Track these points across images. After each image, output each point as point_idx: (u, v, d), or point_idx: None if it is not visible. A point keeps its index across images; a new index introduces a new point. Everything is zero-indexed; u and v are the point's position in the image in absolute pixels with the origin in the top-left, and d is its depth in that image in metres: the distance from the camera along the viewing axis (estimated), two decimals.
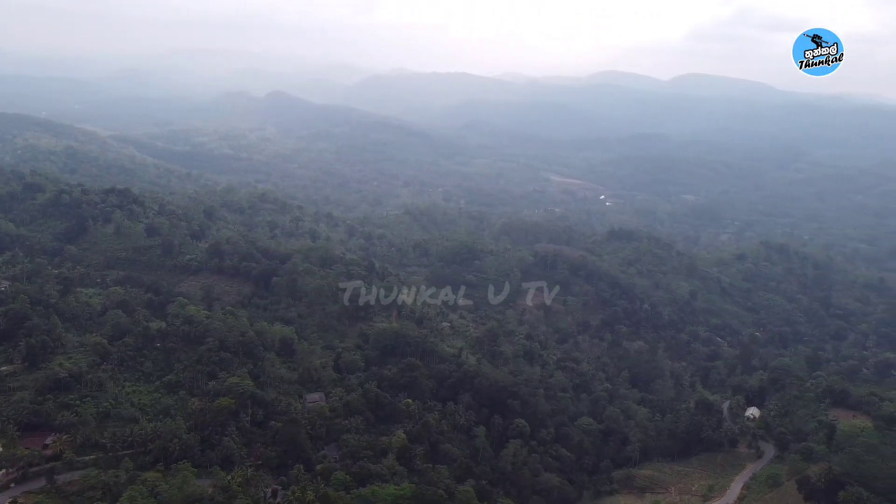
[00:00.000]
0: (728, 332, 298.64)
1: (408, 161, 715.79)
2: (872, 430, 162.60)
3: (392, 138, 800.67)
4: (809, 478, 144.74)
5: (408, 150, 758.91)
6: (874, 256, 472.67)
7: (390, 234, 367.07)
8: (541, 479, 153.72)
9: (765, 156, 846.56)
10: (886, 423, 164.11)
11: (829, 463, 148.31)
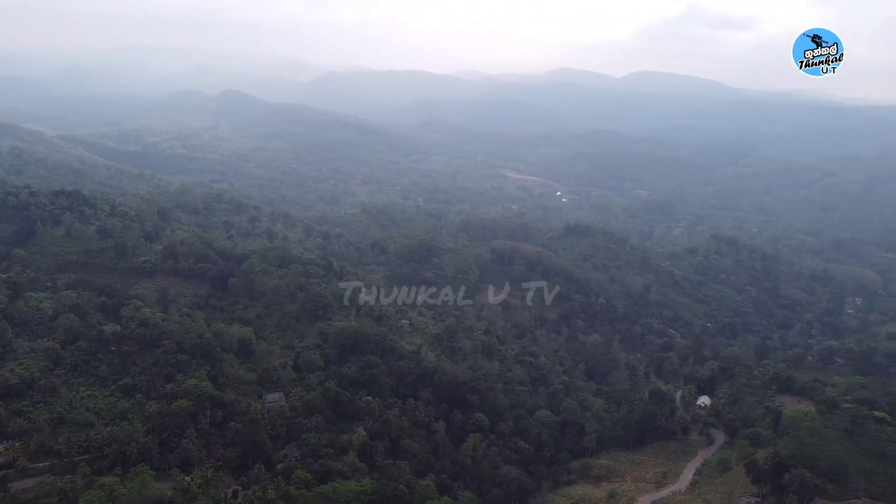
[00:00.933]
0: (680, 324, 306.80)
1: (365, 159, 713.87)
2: (815, 414, 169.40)
3: (349, 136, 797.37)
4: (757, 462, 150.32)
5: (365, 149, 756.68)
6: (819, 248, 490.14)
7: (348, 233, 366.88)
8: (500, 471, 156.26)
9: (715, 151, 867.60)
10: (828, 408, 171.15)
11: (775, 447, 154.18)
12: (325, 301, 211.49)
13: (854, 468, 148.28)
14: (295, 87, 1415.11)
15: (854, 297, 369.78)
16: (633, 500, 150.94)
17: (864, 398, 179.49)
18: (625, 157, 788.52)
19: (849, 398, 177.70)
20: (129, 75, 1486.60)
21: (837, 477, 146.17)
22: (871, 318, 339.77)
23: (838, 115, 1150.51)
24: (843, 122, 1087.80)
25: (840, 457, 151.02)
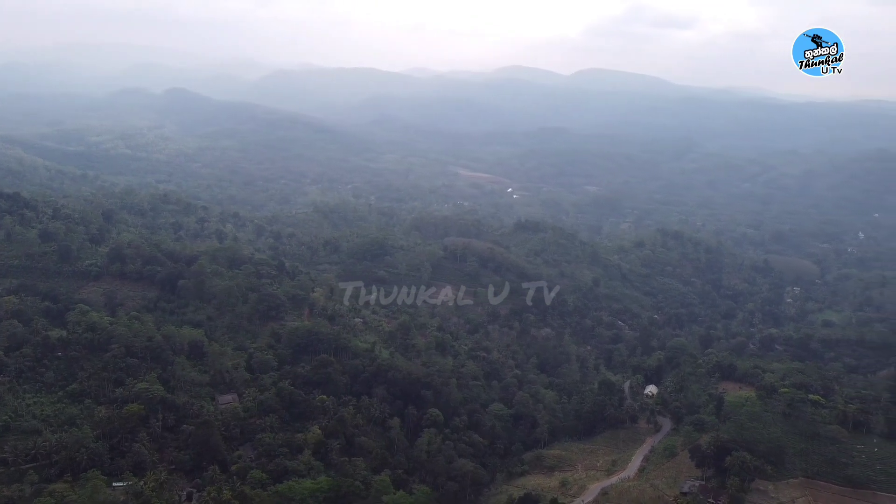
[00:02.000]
0: (629, 316, 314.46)
1: (316, 158, 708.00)
2: (755, 399, 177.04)
3: (299, 135, 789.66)
4: (700, 446, 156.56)
5: (315, 147, 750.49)
6: (760, 240, 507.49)
7: (300, 233, 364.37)
8: (455, 464, 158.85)
9: (661, 147, 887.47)
10: (768, 393, 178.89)
11: (717, 432, 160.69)
12: (278, 301, 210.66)
13: (791, 449, 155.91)
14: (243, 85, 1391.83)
15: (793, 286, 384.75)
16: (584, 487, 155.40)
17: (801, 383, 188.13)
18: (574, 154, 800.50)
19: (786, 383, 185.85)
20: (69, 73, 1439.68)
21: (775, 458, 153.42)
22: (808, 306, 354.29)
23: (777, 111, 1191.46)
24: (781, 118, 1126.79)
25: (778, 439, 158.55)
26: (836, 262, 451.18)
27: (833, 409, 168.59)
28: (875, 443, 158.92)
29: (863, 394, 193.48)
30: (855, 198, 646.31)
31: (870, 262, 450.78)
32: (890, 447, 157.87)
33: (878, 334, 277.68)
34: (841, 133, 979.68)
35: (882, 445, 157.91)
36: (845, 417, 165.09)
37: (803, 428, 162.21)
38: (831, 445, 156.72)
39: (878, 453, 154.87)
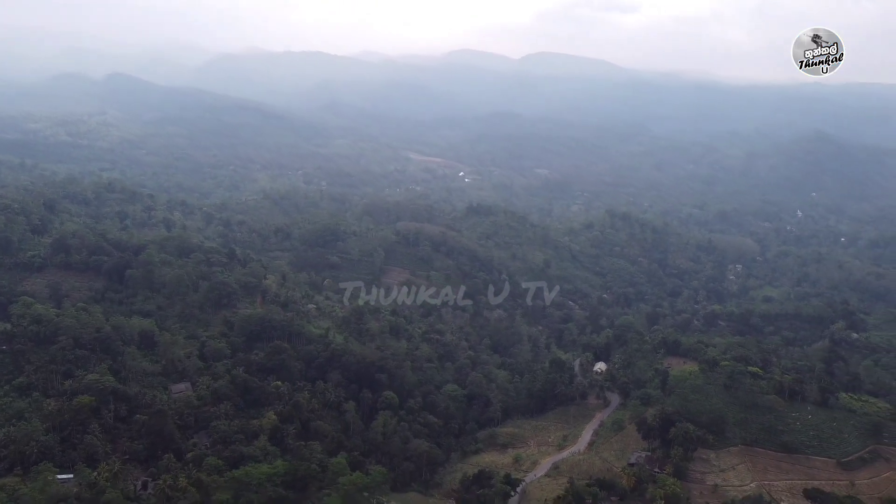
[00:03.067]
0: (579, 296, 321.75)
1: (265, 144, 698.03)
2: (698, 373, 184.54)
3: (247, 121, 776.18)
4: (646, 419, 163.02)
5: (265, 133, 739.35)
6: (704, 220, 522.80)
7: (250, 220, 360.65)
8: (410, 445, 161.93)
9: (610, 131, 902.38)
10: (710, 367, 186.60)
11: (662, 405, 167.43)
12: (229, 289, 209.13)
13: (731, 419, 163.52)
14: (187, 70, 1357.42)
15: (735, 264, 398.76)
16: (537, 463, 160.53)
17: (741, 356, 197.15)
18: (525, 138, 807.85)
19: (728, 357, 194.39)
20: None
21: (717, 428, 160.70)
22: (749, 283, 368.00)
23: (720, 94, 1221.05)
24: (725, 101, 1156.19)
25: (719, 410, 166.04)
26: (776, 239, 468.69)
27: (770, 380, 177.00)
28: (809, 410, 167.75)
29: (798, 365, 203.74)
30: (794, 178, 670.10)
31: (807, 240, 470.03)
32: (822, 414, 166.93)
33: (813, 308, 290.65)
34: (781, 115, 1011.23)
35: (815, 413, 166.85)
36: (782, 387, 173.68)
37: (743, 398, 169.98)
38: (768, 414, 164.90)
39: (811, 420, 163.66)
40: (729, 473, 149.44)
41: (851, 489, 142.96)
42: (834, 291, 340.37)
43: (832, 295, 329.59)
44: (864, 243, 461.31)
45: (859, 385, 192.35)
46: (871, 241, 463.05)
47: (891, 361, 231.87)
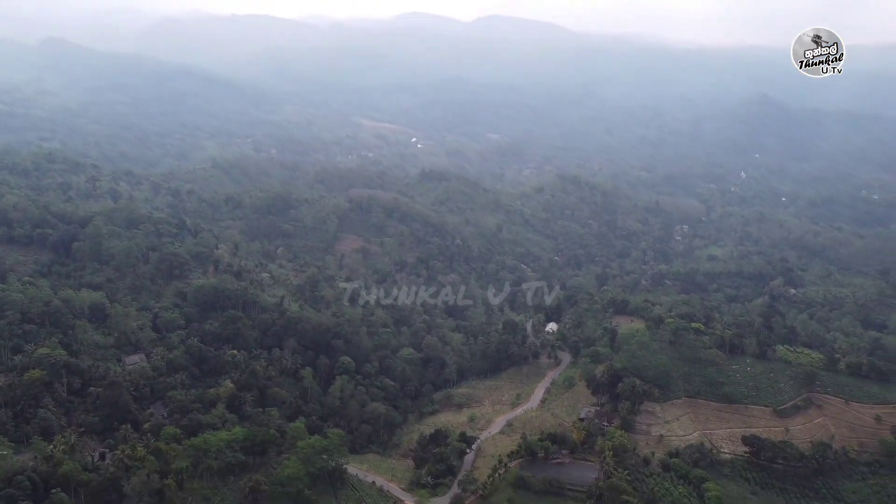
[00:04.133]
0: (531, 259, 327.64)
1: (212, 111, 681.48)
2: (645, 330, 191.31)
3: (193, 88, 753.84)
4: (596, 376, 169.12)
5: (212, 100, 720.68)
6: (652, 182, 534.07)
7: (200, 189, 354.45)
8: (368, 408, 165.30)
9: (561, 95, 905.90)
10: (656, 324, 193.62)
11: (610, 362, 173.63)
12: (181, 259, 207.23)
13: (676, 373, 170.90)
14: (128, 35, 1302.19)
15: (681, 225, 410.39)
16: (491, 421, 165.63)
17: (686, 313, 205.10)
18: (477, 103, 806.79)
19: (673, 314, 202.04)
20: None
21: (662, 382, 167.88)
22: (694, 243, 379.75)
23: (669, 58, 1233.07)
24: (673, 65, 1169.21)
25: (664, 365, 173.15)
26: (721, 200, 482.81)
27: (713, 336, 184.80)
28: (748, 363, 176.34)
29: (739, 320, 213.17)
30: (738, 140, 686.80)
31: (750, 200, 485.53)
32: (760, 366, 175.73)
33: (754, 266, 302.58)
34: (727, 79, 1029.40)
35: (754, 365, 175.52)
36: (723, 342, 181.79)
37: (686, 353, 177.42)
38: (710, 367, 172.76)
39: (749, 372, 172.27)
40: (673, 424, 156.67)
41: (786, 435, 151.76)
42: (774, 249, 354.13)
43: (772, 253, 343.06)
44: (804, 203, 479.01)
45: (795, 338, 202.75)
46: (810, 200, 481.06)
47: (825, 315, 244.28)
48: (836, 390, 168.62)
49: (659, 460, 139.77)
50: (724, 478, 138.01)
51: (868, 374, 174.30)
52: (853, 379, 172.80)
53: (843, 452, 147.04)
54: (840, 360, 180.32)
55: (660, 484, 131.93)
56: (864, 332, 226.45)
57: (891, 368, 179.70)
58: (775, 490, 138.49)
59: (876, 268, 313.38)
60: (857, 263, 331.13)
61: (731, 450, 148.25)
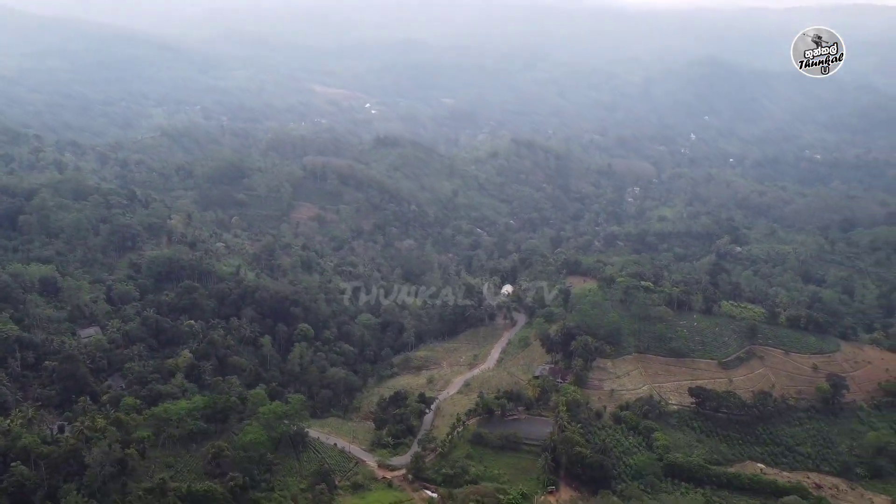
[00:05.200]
0: (486, 223, 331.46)
1: (158, 78, 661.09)
2: (597, 289, 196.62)
3: (137, 53, 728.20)
4: (549, 335, 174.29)
5: (157, 66, 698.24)
6: (605, 145, 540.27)
7: (149, 159, 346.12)
8: (328, 373, 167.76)
9: (514, 57, 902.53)
10: (607, 283, 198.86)
11: (564, 321, 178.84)
12: (133, 231, 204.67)
13: (626, 330, 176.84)
14: None
15: (633, 186, 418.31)
16: (449, 382, 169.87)
17: (636, 272, 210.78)
18: (430, 67, 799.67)
19: (623, 273, 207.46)
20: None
21: (613, 339, 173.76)
22: (646, 204, 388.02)
23: (621, 19, 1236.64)
24: (625, 27, 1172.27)
25: (615, 322, 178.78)
26: (671, 162, 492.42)
27: (661, 293, 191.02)
28: (694, 318, 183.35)
29: (687, 278, 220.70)
30: (688, 102, 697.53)
31: (700, 161, 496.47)
32: (706, 321, 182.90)
33: (703, 225, 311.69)
34: (677, 41, 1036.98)
35: (700, 320, 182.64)
36: (671, 299, 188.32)
37: (636, 311, 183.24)
38: (659, 324, 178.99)
39: (696, 327, 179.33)
40: (624, 379, 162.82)
41: (730, 385, 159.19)
42: (722, 209, 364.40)
43: (720, 212, 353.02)
44: (750, 163, 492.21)
45: (740, 293, 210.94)
46: (757, 161, 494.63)
47: (768, 271, 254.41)
48: (777, 342, 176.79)
49: (610, 413, 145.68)
50: (671, 428, 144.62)
51: (806, 326, 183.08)
52: (793, 331, 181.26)
53: (783, 400, 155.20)
54: (781, 313, 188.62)
55: (611, 435, 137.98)
56: (804, 287, 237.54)
57: (827, 320, 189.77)
58: (719, 437, 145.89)
59: (817, 225, 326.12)
60: (799, 221, 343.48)
61: (679, 401, 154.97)
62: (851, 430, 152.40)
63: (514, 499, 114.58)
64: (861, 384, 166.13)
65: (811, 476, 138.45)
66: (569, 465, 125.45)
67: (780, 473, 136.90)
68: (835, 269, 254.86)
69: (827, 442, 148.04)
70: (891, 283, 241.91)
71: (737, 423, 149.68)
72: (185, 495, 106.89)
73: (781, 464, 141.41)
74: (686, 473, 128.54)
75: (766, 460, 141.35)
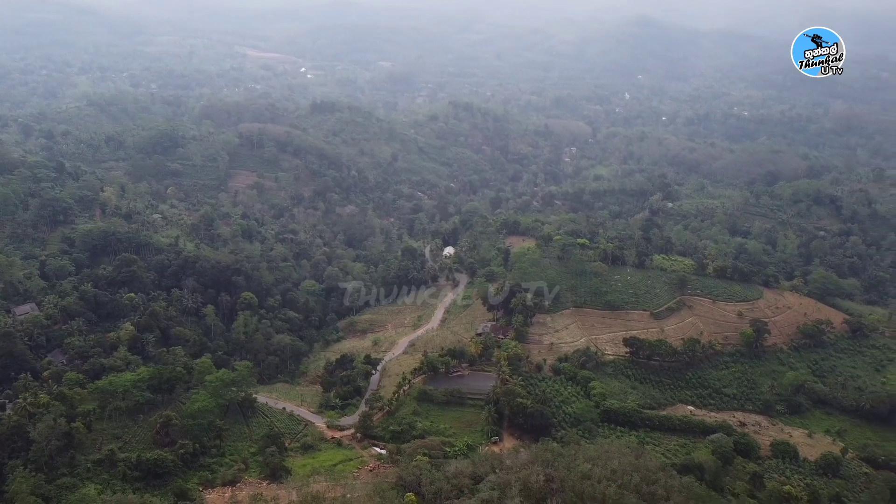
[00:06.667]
0: (427, 187, 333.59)
1: (80, 44, 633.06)
2: (535, 248, 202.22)
3: (55, 18, 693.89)
4: (490, 294, 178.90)
5: (78, 32, 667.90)
6: (542, 106, 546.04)
7: (76, 130, 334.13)
8: (273, 340, 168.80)
9: (450, 18, 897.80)
10: (545, 242, 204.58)
11: (504, 279, 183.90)
12: (64, 205, 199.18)
13: (563, 286, 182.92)
14: None
15: (570, 146, 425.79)
16: (395, 343, 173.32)
17: (573, 230, 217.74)
18: (366, 29, 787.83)
19: (561, 232, 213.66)
20: None
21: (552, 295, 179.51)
22: (582, 163, 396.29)
23: None
24: None
25: (553, 279, 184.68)
26: (606, 121, 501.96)
27: (597, 249, 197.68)
28: (628, 272, 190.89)
29: (621, 234, 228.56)
30: (622, 61, 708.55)
31: (633, 120, 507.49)
32: (639, 275, 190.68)
33: (636, 183, 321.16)
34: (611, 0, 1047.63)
35: (633, 274, 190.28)
36: (606, 255, 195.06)
37: (573, 267, 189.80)
38: (595, 279, 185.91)
39: (629, 281, 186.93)
40: (562, 333, 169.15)
41: (661, 334, 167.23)
42: (655, 167, 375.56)
43: (653, 170, 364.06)
44: (682, 121, 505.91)
45: (671, 247, 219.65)
46: (687, 118, 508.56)
47: (697, 225, 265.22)
48: (705, 292, 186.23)
49: (550, 366, 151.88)
50: (607, 376, 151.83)
51: (732, 276, 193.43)
52: (720, 281, 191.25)
53: (710, 346, 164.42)
54: (709, 265, 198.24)
55: (551, 386, 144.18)
56: (731, 239, 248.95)
57: (752, 270, 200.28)
58: (652, 383, 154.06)
59: (744, 179, 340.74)
60: (727, 176, 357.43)
61: (614, 351, 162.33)
62: (772, 370, 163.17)
63: (460, 450, 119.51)
64: (782, 328, 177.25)
65: (736, 415, 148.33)
66: (511, 416, 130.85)
67: (707, 414, 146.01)
68: (759, 221, 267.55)
69: (750, 383, 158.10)
70: (810, 233, 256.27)
71: (668, 369, 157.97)
72: (135, 464, 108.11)
73: (709, 405, 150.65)
74: (621, 418, 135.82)
75: (696, 402, 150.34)
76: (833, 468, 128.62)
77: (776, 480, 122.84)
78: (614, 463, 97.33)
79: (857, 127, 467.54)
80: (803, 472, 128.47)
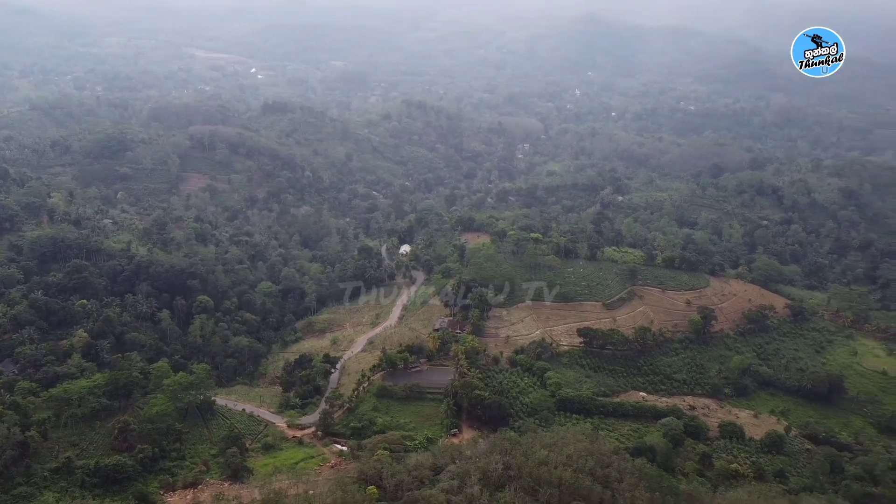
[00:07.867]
0: (382, 186, 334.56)
1: (20, 46, 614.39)
2: (490, 244, 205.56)
3: None
4: (447, 290, 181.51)
5: (18, 33, 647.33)
6: (494, 103, 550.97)
7: (18, 135, 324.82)
8: (231, 343, 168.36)
9: (401, 17, 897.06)
10: (500, 237, 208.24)
11: (460, 276, 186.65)
12: (10, 212, 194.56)
13: (518, 280, 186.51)
14: None
15: (523, 143, 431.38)
16: (353, 341, 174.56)
17: (526, 225, 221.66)
18: (317, 28, 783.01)
19: (515, 227, 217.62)
20: None
21: None
22: (535, 160, 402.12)
23: None
24: None
25: (508, 273, 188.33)
26: (558, 118, 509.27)
27: (550, 243, 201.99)
28: (580, 265, 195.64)
29: (574, 228, 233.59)
30: (572, 58, 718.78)
31: (584, 116, 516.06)
32: (591, 267, 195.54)
33: (588, 178, 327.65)
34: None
35: (585, 266, 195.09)
36: (559, 248, 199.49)
37: (527, 261, 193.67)
38: (548, 272, 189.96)
39: (582, 273, 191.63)
40: (518, 326, 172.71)
41: (614, 324, 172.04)
42: (605, 161, 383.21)
43: (604, 165, 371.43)
44: (631, 116, 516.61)
45: (621, 239, 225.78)
46: (636, 114, 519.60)
47: (647, 217, 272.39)
48: (655, 282, 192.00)
49: (507, 358, 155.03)
50: (563, 366, 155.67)
51: (680, 265, 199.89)
52: (668, 271, 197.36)
53: (661, 334, 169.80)
54: (658, 255, 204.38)
55: (508, 378, 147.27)
56: (679, 230, 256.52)
57: (699, 259, 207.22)
58: (605, 372, 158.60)
59: (690, 172, 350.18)
60: (675, 169, 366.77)
61: (569, 342, 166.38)
62: (720, 355, 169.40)
63: (420, 443, 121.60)
64: (728, 314, 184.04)
65: (686, 399, 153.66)
66: (470, 409, 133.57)
67: (659, 399, 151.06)
68: (706, 212, 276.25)
69: (699, 368, 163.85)
70: (754, 222, 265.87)
71: (621, 357, 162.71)
72: (94, 471, 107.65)
73: (661, 390, 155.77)
74: (577, 406, 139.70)
75: (647, 388, 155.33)
76: (777, 446, 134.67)
77: (724, 459, 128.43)
78: (570, 449, 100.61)
79: (797, 119, 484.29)
80: (749, 450, 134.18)
